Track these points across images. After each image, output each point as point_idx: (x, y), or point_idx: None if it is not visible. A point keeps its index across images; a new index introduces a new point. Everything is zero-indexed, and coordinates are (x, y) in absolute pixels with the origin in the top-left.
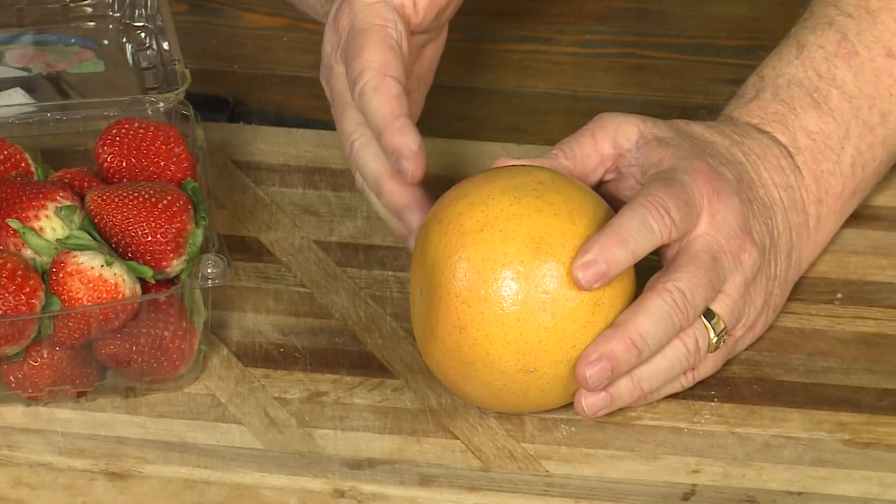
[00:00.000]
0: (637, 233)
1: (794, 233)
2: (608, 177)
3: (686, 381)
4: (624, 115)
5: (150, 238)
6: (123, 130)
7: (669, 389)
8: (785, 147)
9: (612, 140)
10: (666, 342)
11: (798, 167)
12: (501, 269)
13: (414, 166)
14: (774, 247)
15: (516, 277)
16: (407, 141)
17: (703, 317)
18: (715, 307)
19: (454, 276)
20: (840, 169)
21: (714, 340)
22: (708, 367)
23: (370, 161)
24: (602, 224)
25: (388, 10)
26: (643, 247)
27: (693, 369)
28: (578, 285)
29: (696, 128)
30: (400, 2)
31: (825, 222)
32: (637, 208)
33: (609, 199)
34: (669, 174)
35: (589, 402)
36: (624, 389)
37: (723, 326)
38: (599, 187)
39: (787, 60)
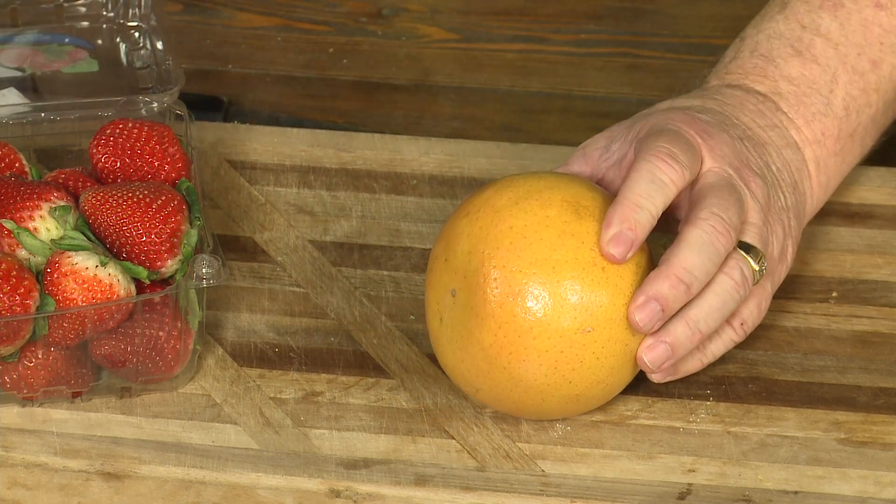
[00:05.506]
0: (648, 190)
1: (793, 168)
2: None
3: (737, 336)
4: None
5: (144, 238)
6: (118, 130)
7: (722, 345)
8: (763, 94)
9: (582, 157)
10: (713, 270)
11: (782, 110)
12: (547, 230)
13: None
14: (776, 179)
15: (563, 235)
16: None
17: (739, 248)
18: (745, 238)
19: (498, 249)
20: (833, 111)
21: (757, 269)
22: (753, 314)
23: None
24: None
25: None
26: (660, 201)
27: (742, 324)
28: (612, 260)
29: (662, 104)
30: None
31: (826, 165)
32: (642, 165)
33: None
34: (655, 130)
35: (650, 356)
36: (682, 335)
37: (760, 253)
38: None
39: (769, 17)
